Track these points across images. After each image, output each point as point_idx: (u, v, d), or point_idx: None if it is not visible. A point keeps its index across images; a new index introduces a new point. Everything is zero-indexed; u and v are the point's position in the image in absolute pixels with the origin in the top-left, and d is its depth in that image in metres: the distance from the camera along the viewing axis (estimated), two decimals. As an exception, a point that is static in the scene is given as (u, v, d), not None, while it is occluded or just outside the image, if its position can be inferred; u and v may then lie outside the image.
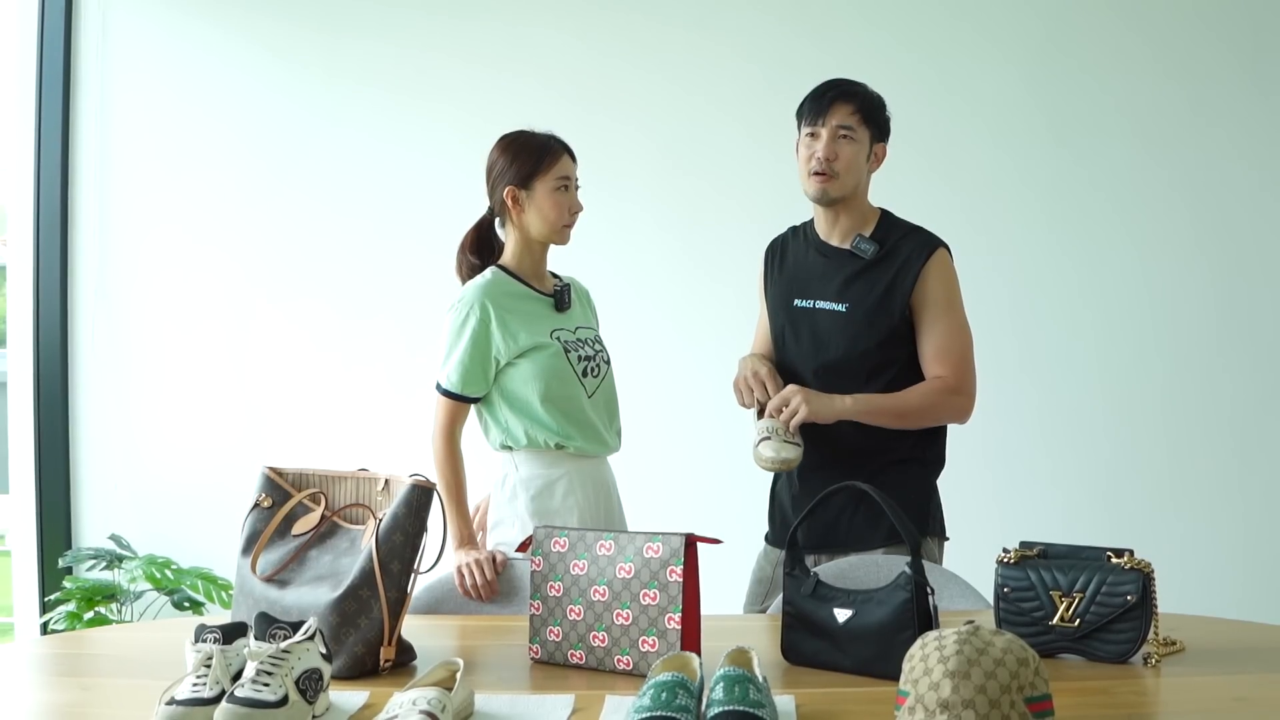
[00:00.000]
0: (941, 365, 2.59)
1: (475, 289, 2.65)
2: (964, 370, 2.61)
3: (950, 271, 2.64)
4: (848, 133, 2.58)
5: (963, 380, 2.60)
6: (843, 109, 2.59)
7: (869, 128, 2.61)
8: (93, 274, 4.45)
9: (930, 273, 2.59)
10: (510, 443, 2.67)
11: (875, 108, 2.63)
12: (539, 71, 4.33)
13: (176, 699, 1.53)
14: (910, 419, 2.59)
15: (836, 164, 2.58)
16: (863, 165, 2.62)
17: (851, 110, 2.59)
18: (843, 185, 2.60)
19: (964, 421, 2.65)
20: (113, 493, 4.45)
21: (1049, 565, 1.97)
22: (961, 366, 2.60)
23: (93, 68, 4.45)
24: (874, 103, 2.64)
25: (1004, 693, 1.45)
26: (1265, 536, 4.21)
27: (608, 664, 1.90)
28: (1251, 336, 4.25)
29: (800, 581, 1.96)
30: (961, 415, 2.64)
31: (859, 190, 2.65)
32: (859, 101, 2.60)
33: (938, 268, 2.60)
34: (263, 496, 2.10)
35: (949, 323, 2.60)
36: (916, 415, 2.60)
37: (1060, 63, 4.29)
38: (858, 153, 2.60)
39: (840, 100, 2.60)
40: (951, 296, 2.62)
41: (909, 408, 2.58)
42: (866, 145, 2.62)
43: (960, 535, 2.75)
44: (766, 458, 2.47)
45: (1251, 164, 4.25)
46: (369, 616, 1.89)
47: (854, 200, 2.64)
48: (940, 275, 2.60)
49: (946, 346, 2.59)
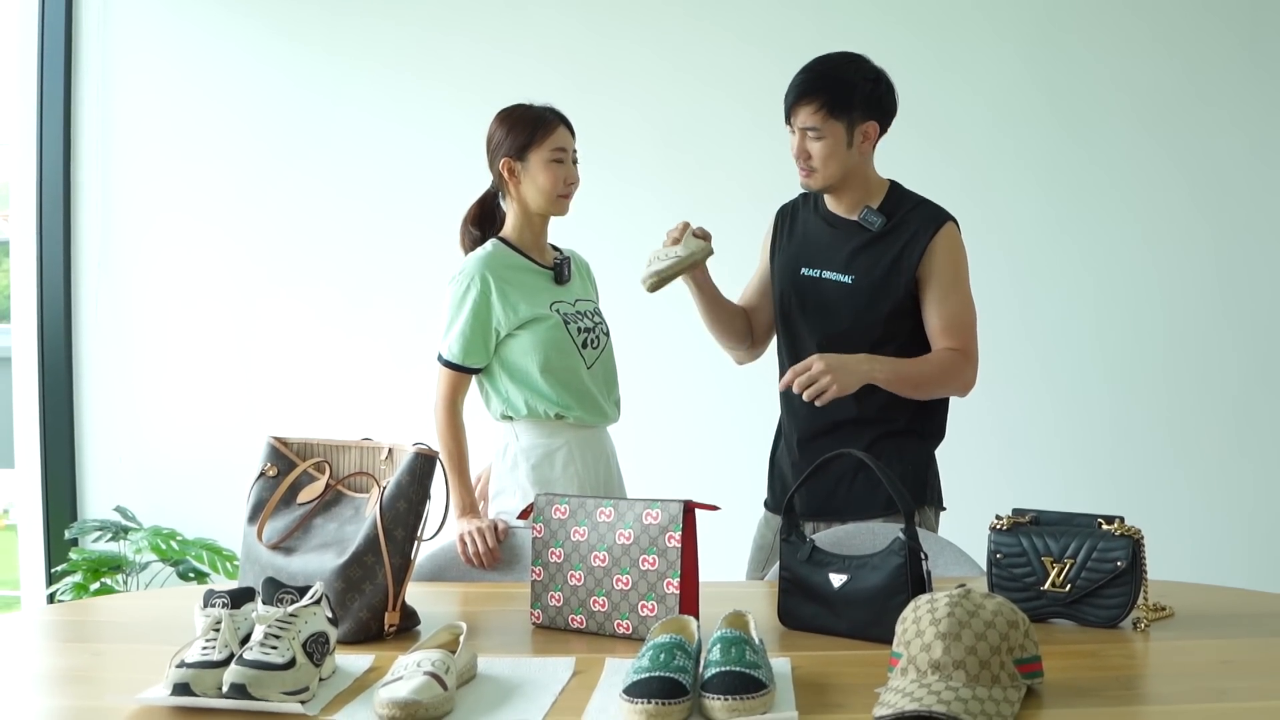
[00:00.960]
0: (951, 337, 2.59)
1: (476, 261, 2.68)
2: (971, 343, 2.62)
3: (958, 246, 2.63)
4: (814, 132, 2.56)
5: (971, 352, 2.61)
6: (805, 109, 2.56)
7: (840, 118, 2.56)
8: (95, 248, 4.47)
9: (938, 247, 2.59)
10: (511, 413, 2.70)
11: (846, 94, 2.57)
12: (540, 50, 4.34)
13: (187, 662, 1.56)
14: (925, 388, 2.60)
15: (811, 161, 2.59)
16: (842, 154, 2.58)
17: (814, 109, 2.55)
18: (823, 178, 2.61)
19: (965, 394, 2.66)
20: (117, 465, 4.48)
21: (1041, 532, 2.00)
22: (970, 339, 2.61)
23: (94, 43, 4.46)
24: (843, 90, 2.57)
25: (994, 654, 1.49)
26: (1260, 506, 4.25)
27: (608, 628, 1.94)
28: (1249, 310, 4.27)
29: (797, 548, 1.99)
30: (967, 387, 2.65)
31: (849, 172, 2.62)
32: (823, 97, 2.55)
33: (945, 242, 2.60)
34: (268, 466, 2.13)
35: (957, 297, 2.61)
36: (931, 383, 2.61)
37: (1060, 41, 4.30)
38: (829, 146, 2.57)
39: (801, 102, 2.57)
40: (959, 271, 2.62)
41: (926, 376, 2.59)
42: (842, 135, 2.57)
43: (959, 506, 2.78)
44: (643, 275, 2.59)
45: (1250, 141, 4.27)
46: (374, 582, 1.93)
47: (850, 180, 2.64)
48: (947, 249, 2.60)
49: (955, 321, 2.60)
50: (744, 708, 1.45)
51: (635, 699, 1.45)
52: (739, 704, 1.45)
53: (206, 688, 1.52)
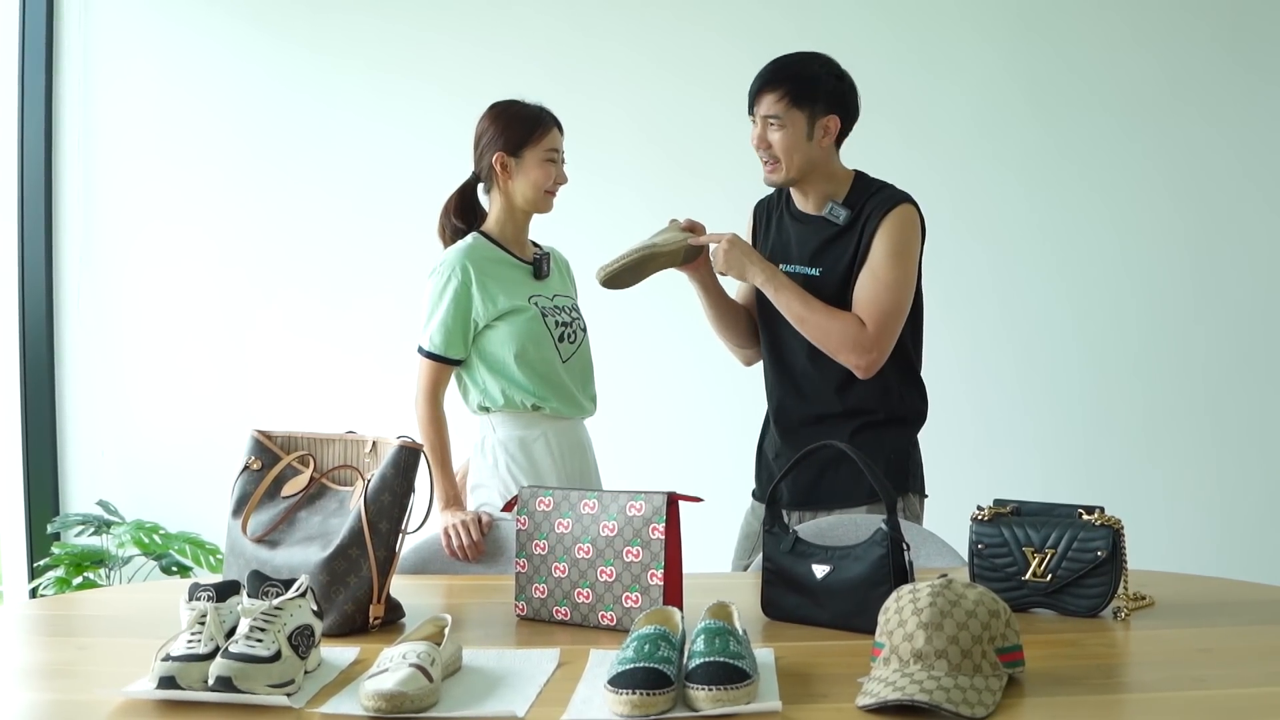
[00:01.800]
0: (863, 313, 2.56)
1: (456, 253, 2.69)
2: (883, 324, 2.56)
3: (906, 226, 2.59)
4: (774, 121, 2.58)
5: (879, 333, 2.55)
6: (768, 97, 2.58)
7: (802, 108, 2.58)
8: (77, 242, 4.45)
9: (883, 226, 2.57)
10: (488, 404, 2.71)
11: (808, 86, 2.58)
12: (524, 47, 4.34)
13: (172, 655, 1.56)
14: (808, 325, 2.57)
15: (771, 151, 2.60)
16: (803, 145, 2.59)
17: (777, 97, 2.57)
18: (785, 170, 2.61)
19: (865, 374, 2.58)
20: (100, 458, 4.47)
21: (1022, 522, 2.01)
22: (881, 320, 2.56)
23: (76, 38, 4.44)
24: (806, 82, 2.59)
25: (975, 643, 1.50)
26: (1238, 497, 4.28)
27: (592, 620, 1.94)
28: (1225, 302, 4.30)
29: (780, 538, 2.00)
30: (861, 364, 2.57)
31: (812, 166, 2.62)
32: (786, 86, 2.57)
33: (892, 221, 2.57)
34: (252, 459, 2.13)
35: (885, 275, 2.56)
36: (815, 323, 2.56)
37: (1039, 39, 4.33)
38: (789, 136, 2.58)
39: (765, 89, 2.59)
40: (896, 249, 2.57)
41: (811, 318, 2.57)
42: (802, 126, 2.58)
43: (941, 497, 2.80)
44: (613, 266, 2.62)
45: (1226, 136, 4.30)
46: (358, 575, 1.93)
47: (814, 175, 2.64)
48: (890, 228, 2.57)
49: (873, 297, 2.56)
50: (728, 698, 1.46)
51: (620, 689, 1.46)
52: (723, 694, 1.46)
53: (192, 681, 1.52)
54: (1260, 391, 4.30)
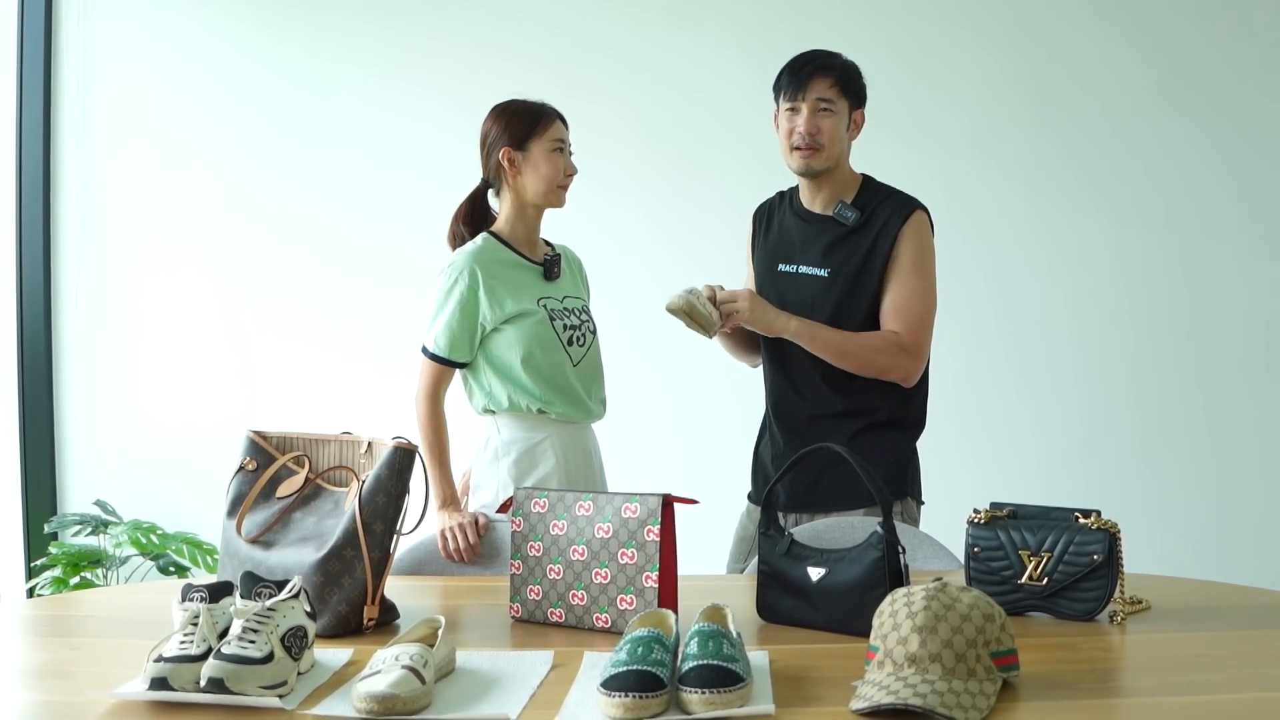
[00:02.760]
0: (897, 322, 2.60)
1: (465, 255, 2.68)
2: (919, 332, 2.61)
3: (925, 234, 2.65)
4: (828, 105, 2.60)
5: (915, 341, 2.60)
6: (821, 82, 2.61)
7: (848, 98, 2.63)
8: (75, 242, 4.45)
9: (905, 234, 2.61)
10: (493, 406, 2.70)
11: (852, 77, 2.65)
12: (520, 51, 4.35)
13: (164, 656, 1.56)
14: (850, 358, 2.58)
15: (820, 137, 2.60)
16: (844, 135, 2.65)
17: (830, 83, 2.61)
18: (827, 158, 2.62)
19: (908, 383, 2.64)
20: (98, 458, 4.47)
21: (1018, 526, 2.01)
22: (917, 328, 2.61)
23: (74, 40, 4.44)
24: (851, 72, 2.66)
25: (970, 647, 1.50)
26: (1235, 500, 4.28)
27: (586, 622, 1.94)
28: (1222, 305, 4.30)
29: (775, 541, 1.99)
30: (905, 375, 2.63)
31: (841, 158, 2.67)
32: (837, 73, 2.62)
33: (912, 230, 2.62)
34: (247, 460, 2.13)
35: (914, 283, 2.61)
36: (858, 358, 2.58)
37: (1035, 42, 4.33)
38: (838, 124, 2.62)
39: (819, 74, 2.61)
40: (921, 258, 2.63)
41: (853, 345, 2.58)
42: (846, 115, 2.64)
43: (937, 500, 2.79)
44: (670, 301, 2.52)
45: (1221, 138, 4.30)
46: (352, 576, 1.93)
47: (836, 169, 2.67)
48: (913, 237, 2.62)
49: (905, 305, 2.60)
50: (721, 701, 1.46)
51: (613, 692, 1.46)
52: (716, 697, 1.46)
53: (184, 682, 1.52)
54: (1257, 394, 4.30)
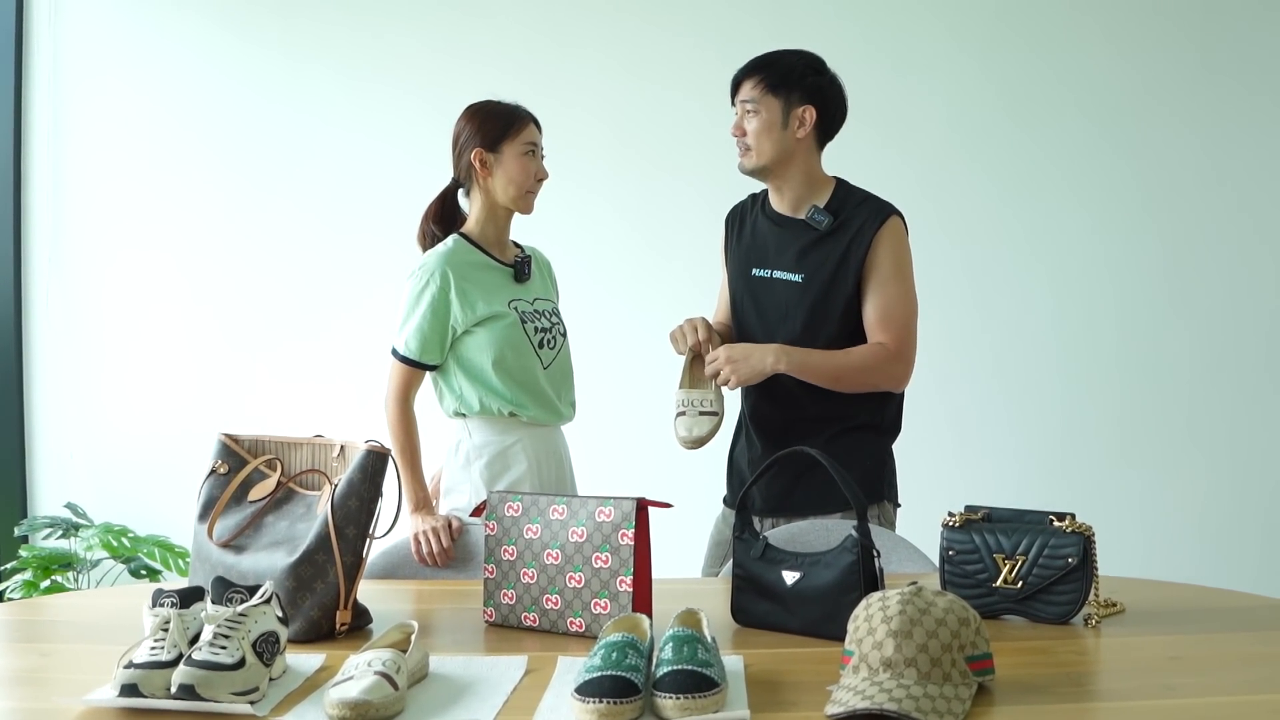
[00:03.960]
0: (884, 331, 2.59)
1: (436, 257, 2.67)
2: (905, 338, 2.61)
3: (901, 239, 2.64)
4: (751, 106, 2.62)
5: (903, 348, 2.60)
6: (747, 83, 2.63)
7: (778, 96, 2.61)
8: (45, 243, 4.42)
9: (881, 240, 2.60)
10: (464, 409, 2.69)
11: (786, 74, 2.62)
12: (495, 51, 4.33)
13: (135, 662, 1.55)
14: (845, 381, 2.59)
15: (745, 139, 2.63)
16: (777, 133, 2.62)
17: (755, 83, 2.62)
18: (756, 157, 2.63)
19: (899, 389, 2.68)
20: (68, 461, 4.44)
21: (993, 529, 2.01)
22: (903, 334, 2.61)
23: (45, 39, 4.41)
24: (785, 70, 2.62)
25: (945, 651, 1.49)
26: (1210, 503, 4.30)
27: (560, 626, 1.93)
28: (1200, 306, 4.31)
29: (750, 545, 1.99)
30: (898, 383, 2.65)
31: (787, 158, 2.64)
32: (763, 72, 2.62)
33: (889, 235, 2.61)
34: (219, 463, 2.11)
35: (895, 289, 2.61)
36: (852, 377, 2.59)
37: (1013, 39, 4.33)
38: (763, 122, 2.61)
39: (745, 75, 2.65)
40: (900, 264, 2.62)
41: (845, 368, 2.58)
42: (778, 113, 2.61)
43: (912, 503, 2.79)
44: (680, 436, 2.57)
45: (1200, 138, 4.31)
46: (325, 581, 1.91)
47: (787, 169, 2.65)
48: (890, 243, 2.61)
49: (889, 313, 2.60)
50: (696, 706, 1.45)
51: (587, 698, 1.45)
52: (691, 703, 1.45)
53: (155, 688, 1.51)
54: (1235, 397, 4.31)
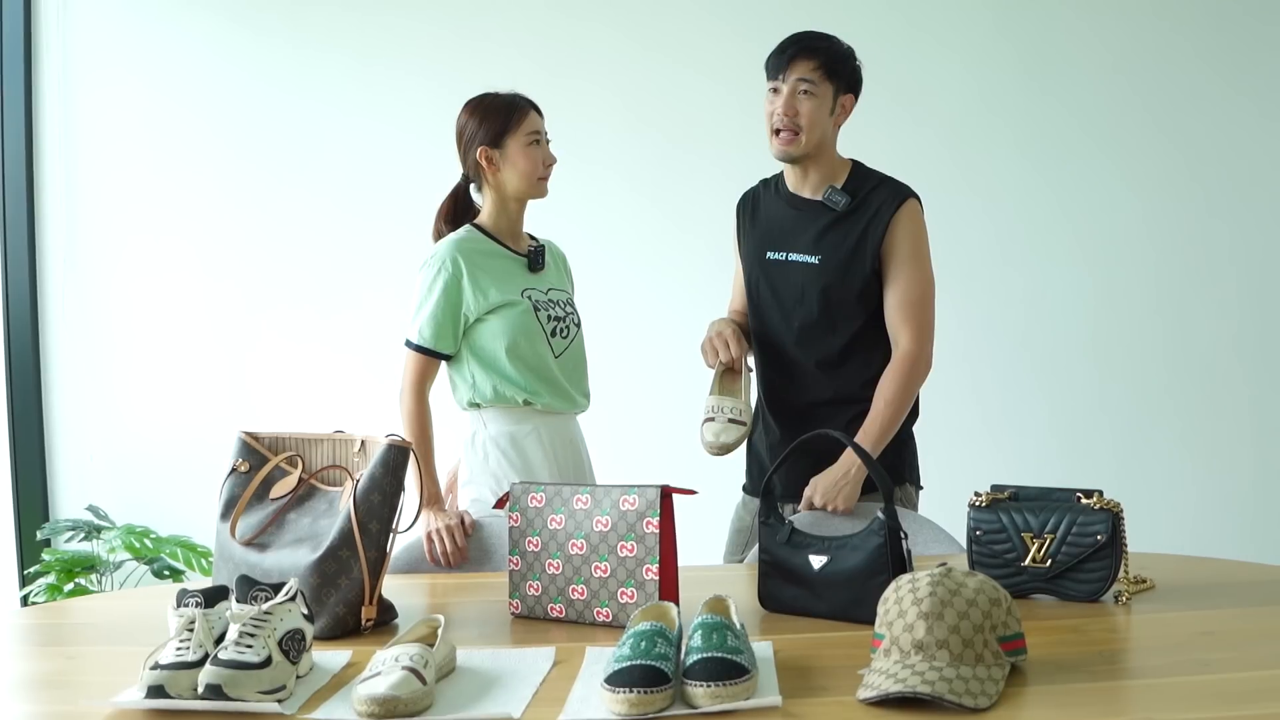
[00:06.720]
0: (904, 322, 2.58)
1: (448, 245, 2.67)
2: (925, 329, 2.60)
3: (919, 221, 2.63)
4: (809, 87, 2.56)
5: (923, 341, 2.59)
6: (804, 64, 2.56)
7: (833, 81, 2.58)
8: (61, 245, 4.42)
9: (899, 222, 2.58)
10: (478, 399, 2.68)
11: (840, 60, 2.60)
12: (507, 35, 4.32)
13: (161, 663, 1.54)
14: (900, 416, 2.57)
15: (799, 119, 2.57)
16: (826, 120, 2.60)
17: (813, 65, 2.56)
18: (805, 142, 2.58)
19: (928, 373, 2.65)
20: (89, 463, 4.44)
21: (1020, 508, 1.99)
22: (922, 322, 2.60)
23: (55, 38, 4.40)
24: (839, 55, 2.60)
25: (977, 632, 1.48)
26: (1239, 476, 4.27)
27: (587, 616, 1.92)
28: (1231, 278, 4.28)
29: (775, 530, 1.98)
30: (928, 371, 2.63)
31: (824, 144, 2.63)
32: (821, 56, 2.57)
33: (907, 218, 2.60)
34: (239, 461, 2.10)
35: (913, 274, 2.59)
36: (902, 409, 2.57)
37: (1029, 13, 4.29)
38: (818, 107, 2.57)
39: (801, 55, 2.57)
40: (918, 246, 2.61)
41: (898, 409, 2.55)
42: (830, 99, 2.59)
43: (938, 484, 2.78)
44: (706, 441, 2.55)
45: (1233, 96, 4.26)
46: (349, 576, 1.91)
47: (821, 155, 2.63)
48: (909, 225, 2.60)
49: (908, 298, 2.59)
50: (727, 694, 1.44)
51: (617, 688, 1.44)
52: (722, 690, 1.44)
53: (181, 689, 1.50)
54: (1258, 371, 4.28)
